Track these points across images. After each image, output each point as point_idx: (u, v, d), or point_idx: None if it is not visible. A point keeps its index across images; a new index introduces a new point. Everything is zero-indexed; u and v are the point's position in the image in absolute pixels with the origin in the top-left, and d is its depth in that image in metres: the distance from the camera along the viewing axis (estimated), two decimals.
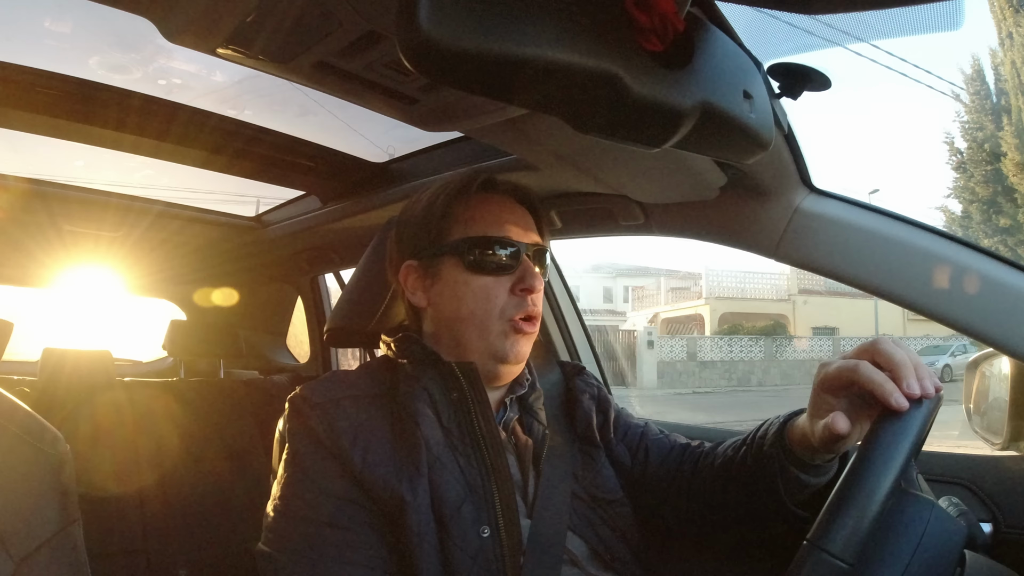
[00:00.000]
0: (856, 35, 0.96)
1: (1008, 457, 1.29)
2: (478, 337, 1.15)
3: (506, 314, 1.14)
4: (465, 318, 1.15)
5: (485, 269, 1.14)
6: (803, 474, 1.02)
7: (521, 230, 1.18)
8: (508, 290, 1.14)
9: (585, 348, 2.22)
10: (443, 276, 1.17)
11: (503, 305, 1.14)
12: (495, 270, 1.14)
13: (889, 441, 0.79)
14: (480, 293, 1.14)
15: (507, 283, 1.14)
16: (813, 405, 0.98)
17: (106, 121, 1.51)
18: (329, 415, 1.07)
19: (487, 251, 1.14)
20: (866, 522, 0.73)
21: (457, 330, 1.16)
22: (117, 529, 1.93)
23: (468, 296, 1.14)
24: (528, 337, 1.16)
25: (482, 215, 1.16)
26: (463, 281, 1.14)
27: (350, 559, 0.99)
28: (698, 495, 1.22)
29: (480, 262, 1.14)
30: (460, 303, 1.15)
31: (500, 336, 1.14)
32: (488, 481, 1.07)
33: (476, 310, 1.14)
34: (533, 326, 1.16)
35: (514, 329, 1.14)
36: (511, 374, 1.19)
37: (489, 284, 1.14)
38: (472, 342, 1.15)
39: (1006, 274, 1.14)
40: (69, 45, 1.41)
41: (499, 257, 1.14)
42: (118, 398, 2.11)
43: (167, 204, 2.24)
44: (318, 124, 1.74)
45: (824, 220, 1.28)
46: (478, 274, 1.14)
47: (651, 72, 0.65)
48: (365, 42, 0.84)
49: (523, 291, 1.14)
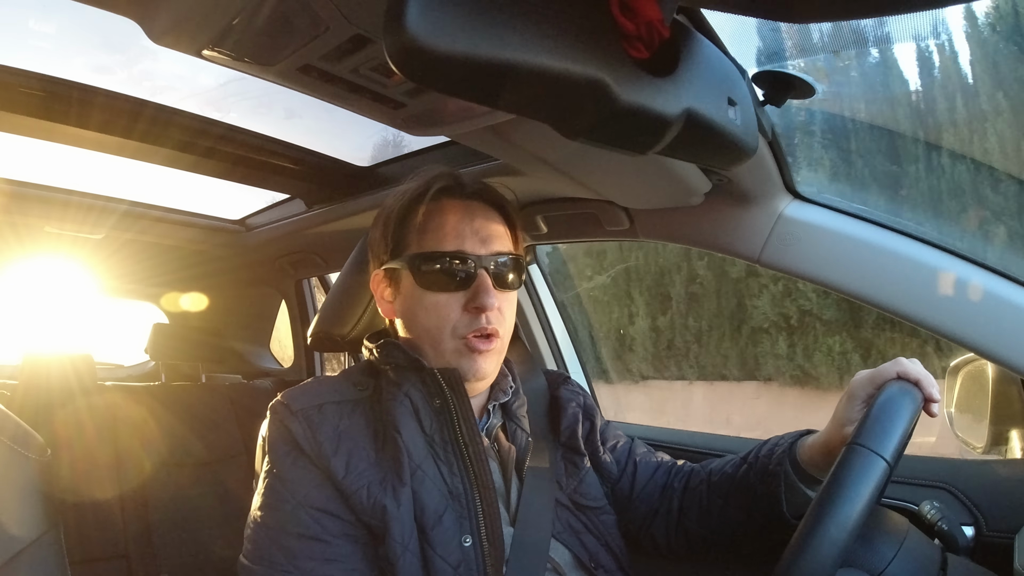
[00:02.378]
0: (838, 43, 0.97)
1: (989, 461, 1.31)
2: (435, 355, 1.13)
3: (458, 332, 1.10)
4: (420, 335, 1.13)
5: (436, 285, 1.10)
6: (810, 489, 1.08)
7: (479, 241, 1.12)
8: (462, 307, 1.10)
9: (572, 357, 2.22)
10: (402, 289, 1.15)
11: (455, 323, 1.10)
12: (447, 286, 1.10)
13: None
14: (432, 310, 1.11)
15: (461, 299, 1.10)
16: (845, 411, 1.05)
17: (89, 122, 1.50)
18: (312, 422, 1.05)
19: (438, 267, 1.10)
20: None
21: (418, 344, 1.14)
22: (98, 534, 1.91)
23: (421, 312, 1.12)
24: (486, 355, 1.12)
25: (437, 226, 1.12)
26: (416, 296, 1.12)
27: (328, 572, 0.99)
28: (690, 510, 1.24)
29: (431, 279, 1.10)
30: (415, 318, 1.13)
31: (455, 354, 1.11)
32: (470, 490, 1.06)
33: (429, 327, 1.11)
34: (489, 343, 1.12)
35: (468, 347, 1.10)
36: (477, 389, 1.17)
37: (441, 301, 1.10)
38: (430, 358, 1.13)
39: (988, 280, 1.15)
40: (53, 45, 1.40)
41: (451, 273, 1.10)
42: (99, 402, 2.08)
43: (150, 206, 2.22)
44: (303, 127, 1.74)
45: (808, 226, 1.29)
46: (429, 291, 1.11)
47: (637, 79, 0.65)
48: (351, 45, 0.84)
49: (476, 309, 1.10)
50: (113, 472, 1.99)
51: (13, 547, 1.01)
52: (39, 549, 1.06)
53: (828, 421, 1.08)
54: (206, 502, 2.11)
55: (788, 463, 1.10)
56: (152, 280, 3.11)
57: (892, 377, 0.99)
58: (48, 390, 2.06)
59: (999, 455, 1.32)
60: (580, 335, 2.23)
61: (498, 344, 1.14)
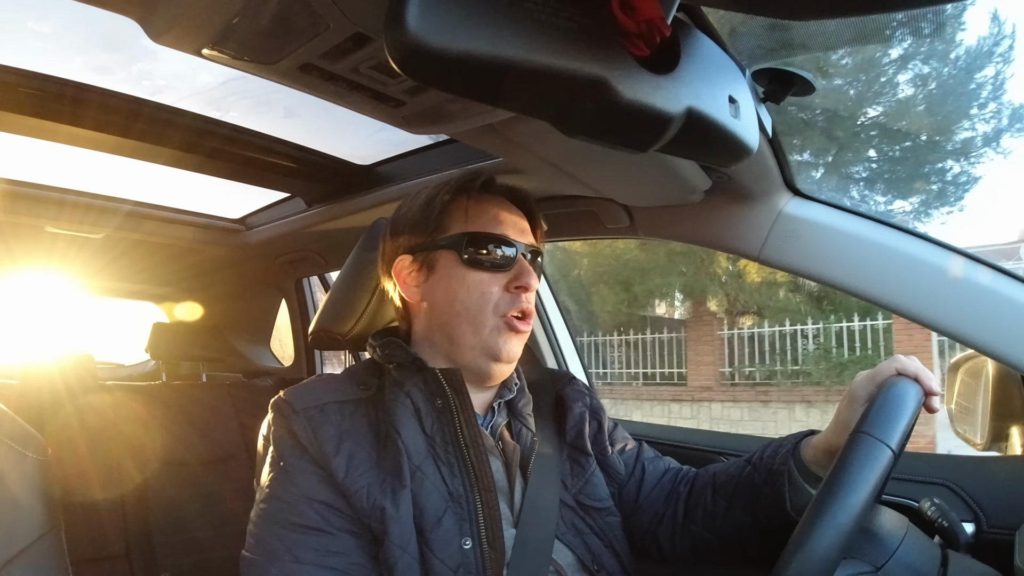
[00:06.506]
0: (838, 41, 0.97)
1: (990, 458, 1.31)
2: (472, 333, 1.14)
3: (499, 310, 1.13)
4: (459, 312, 1.14)
5: (482, 265, 1.14)
6: (814, 489, 1.09)
7: (518, 231, 1.18)
8: (503, 287, 1.14)
9: (573, 357, 2.22)
10: (439, 270, 1.16)
11: (497, 301, 1.13)
12: (491, 267, 1.14)
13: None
14: (475, 288, 1.13)
15: (502, 280, 1.14)
16: (847, 412, 1.06)
17: (89, 122, 1.50)
18: (314, 421, 1.06)
19: (485, 247, 1.14)
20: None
21: (450, 326, 1.15)
22: (99, 534, 1.91)
23: (463, 291, 1.14)
24: (520, 336, 1.16)
25: (481, 212, 1.17)
26: (459, 276, 1.14)
27: (329, 564, 0.99)
28: (695, 514, 1.24)
29: (477, 257, 1.14)
30: (455, 297, 1.14)
31: (493, 332, 1.14)
32: (471, 491, 1.06)
33: (471, 305, 1.13)
34: (526, 324, 1.16)
35: (507, 326, 1.14)
36: (502, 374, 1.19)
37: (485, 280, 1.13)
38: (465, 338, 1.14)
39: (988, 276, 1.15)
40: (53, 45, 1.40)
41: (496, 254, 1.14)
42: (100, 401, 2.08)
43: (150, 206, 2.22)
44: (303, 126, 1.74)
45: (807, 224, 1.29)
46: (475, 269, 1.14)
47: (637, 76, 0.65)
48: (351, 44, 0.84)
49: (518, 288, 1.14)
50: (113, 471, 1.99)
51: (13, 547, 1.01)
52: (39, 549, 1.05)
53: (830, 422, 1.09)
54: (207, 501, 2.11)
55: (792, 463, 1.11)
56: (152, 280, 3.11)
57: (892, 374, 1.00)
58: (49, 389, 2.06)
59: (999, 452, 1.32)
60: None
61: (529, 328, 1.18)
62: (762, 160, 1.19)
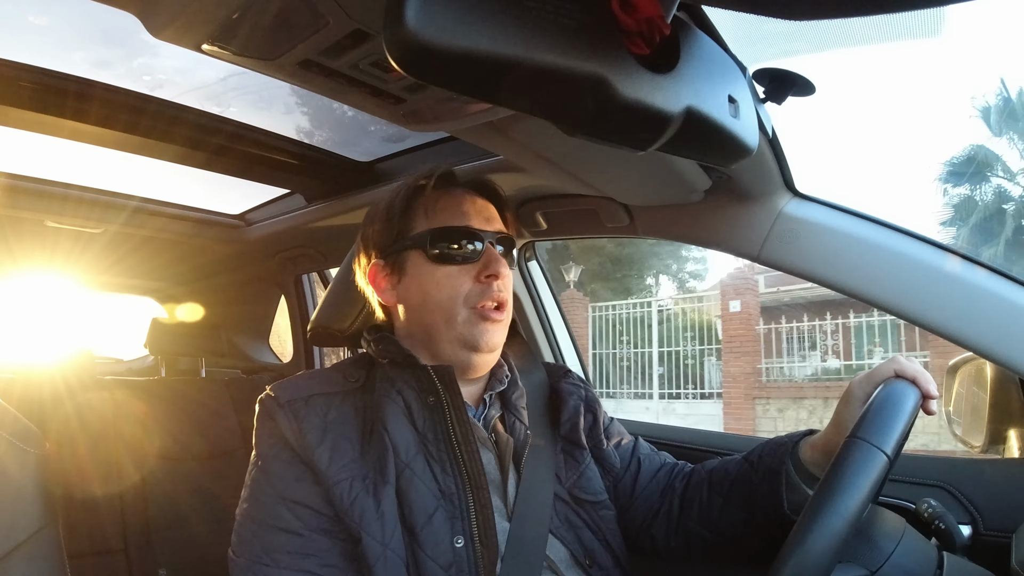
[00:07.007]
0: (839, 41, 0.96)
1: (987, 460, 1.31)
2: (446, 327, 1.14)
3: (470, 301, 1.13)
4: (432, 309, 1.14)
5: (448, 259, 1.14)
6: (811, 488, 1.08)
7: (483, 220, 1.18)
8: (473, 278, 1.14)
9: (570, 352, 2.22)
10: (409, 271, 1.17)
11: (467, 293, 1.13)
12: (459, 259, 1.14)
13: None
14: (445, 282, 1.13)
15: (472, 271, 1.14)
16: (845, 412, 1.06)
17: (89, 117, 1.49)
18: (298, 414, 1.06)
19: (449, 241, 1.14)
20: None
21: (427, 322, 1.15)
22: (97, 529, 1.91)
23: (433, 287, 1.14)
24: (497, 325, 1.16)
25: (442, 208, 1.17)
26: (428, 273, 1.14)
27: (303, 567, 0.99)
28: (690, 510, 1.24)
29: (443, 252, 1.14)
30: (427, 295, 1.14)
31: (467, 323, 1.13)
32: (463, 489, 1.06)
33: (442, 300, 1.13)
34: (501, 313, 1.16)
35: (480, 316, 1.13)
36: (486, 363, 1.18)
37: (453, 273, 1.14)
38: (441, 332, 1.15)
39: (987, 279, 1.15)
40: (53, 40, 1.40)
41: (462, 246, 1.14)
42: (98, 397, 2.08)
43: (150, 201, 2.22)
44: (303, 122, 1.74)
45: (807, 224, 1.29)
46: (442, 264, 1.14)
47: (637, 75, 0.65)
48: (351, 40, 0.83)
49: (488, 278, 1.14)
50: (112, 467, 1.99)
51: (11, 541, 1.01)
52: (37, 543, 1.06)
53: (829, 422, 1.09)
54: (205, 497, 2.11)
55: (790, 462, 1.11)
56: (152, 275, 3.10)
57: (889, 375, 0.99)
58: (48, 384, 2.06)
59: (997, 454, 1.32)
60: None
61: (505, 316, 1.18)
62: (762, 160, 1.19)
